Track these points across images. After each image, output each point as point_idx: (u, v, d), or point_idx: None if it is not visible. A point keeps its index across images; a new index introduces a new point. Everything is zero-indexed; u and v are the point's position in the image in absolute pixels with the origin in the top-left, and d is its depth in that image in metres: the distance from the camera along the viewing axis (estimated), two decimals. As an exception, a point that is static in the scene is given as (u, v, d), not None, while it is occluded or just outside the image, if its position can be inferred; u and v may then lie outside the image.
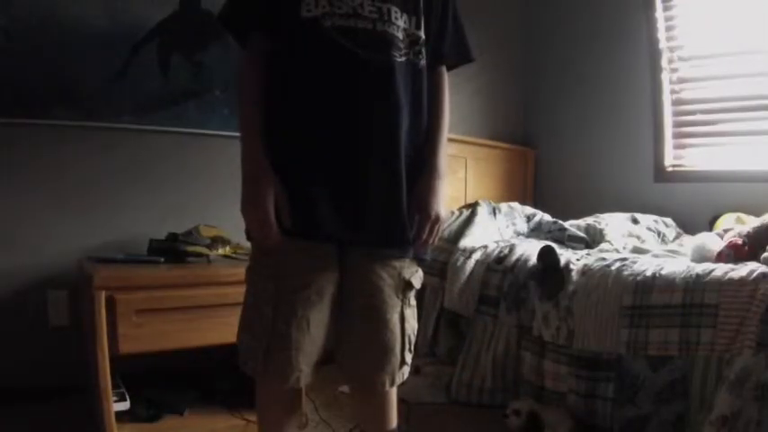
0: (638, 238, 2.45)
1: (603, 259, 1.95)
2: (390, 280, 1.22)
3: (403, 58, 1.16)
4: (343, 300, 1.22)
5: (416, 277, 1.28)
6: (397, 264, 1.23)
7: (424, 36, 1.19)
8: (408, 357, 1.27)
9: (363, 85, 1.13)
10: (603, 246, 2.29)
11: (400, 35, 1.15)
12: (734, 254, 1.77)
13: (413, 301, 1.29)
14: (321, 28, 1.11)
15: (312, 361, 1.19)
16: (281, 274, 1.17)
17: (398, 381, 1.27)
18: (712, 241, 1.93)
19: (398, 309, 1.23)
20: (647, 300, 1.69)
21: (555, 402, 1.87)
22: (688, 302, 1.60)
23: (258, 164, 1.14)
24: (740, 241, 1.81)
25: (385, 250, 1.21)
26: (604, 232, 2.42)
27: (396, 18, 1.15)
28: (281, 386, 1.21)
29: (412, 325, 1.28)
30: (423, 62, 1.20)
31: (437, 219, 1.22)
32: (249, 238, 1.22)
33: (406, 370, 1.28)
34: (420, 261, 1.29)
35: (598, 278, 1.84)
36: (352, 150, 1.15)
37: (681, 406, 1.59)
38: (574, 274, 1.91)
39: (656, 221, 2.63)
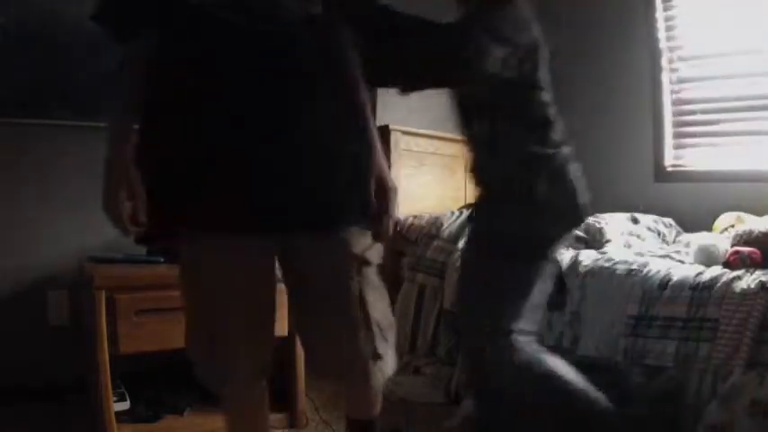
0: (639, 237, 2.45)
1: (610, 261, 1.91)
2: (338, 258, 1.12)
3: (299, 29, 1.08)
4: (292, 288, 1.18)
5: (373, 251, 1.16)
6: (341, 239, 1.12)
7: (323, 5, 1.12)
8: (383, 347, 1.15)
9: (252, 59, 1.05)
10: (608, 247, 2.26)
11: (293, 6, 1.08)
12: (749, 261, 1.72)
13: (375, 281, 1.16)
14: (205, 11, 1.03)
15: (255, 356, 1.15)
16: (208, 276, 1.11)
17: (373, 372, 1.15)
18: (719, 242, 1.90)
19: (354, 289, 1.12)
20: (651, 311, 1.67)
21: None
22: (691, 316, 1.59)
23: (119, 162, 1.08)
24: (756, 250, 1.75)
25: (317, 231, 1.11)
26: (604, 231, 2.42)
27: None
28: (221, 387, 1.18)
29: (380, 309, 1.16)
30: (325, 30, 1.12)
31: (390, 189, 1.16)
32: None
33: (386, 364, 1.16)
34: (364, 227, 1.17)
35: (605, 284, 1.82)
36: (247, 132, 1.05)
37: (674, 412, 1.58)
38: (580, 278, 1.89)
39: (656, 221, 2.62)
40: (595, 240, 2.41)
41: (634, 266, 1.83)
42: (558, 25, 3.38)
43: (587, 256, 2.00)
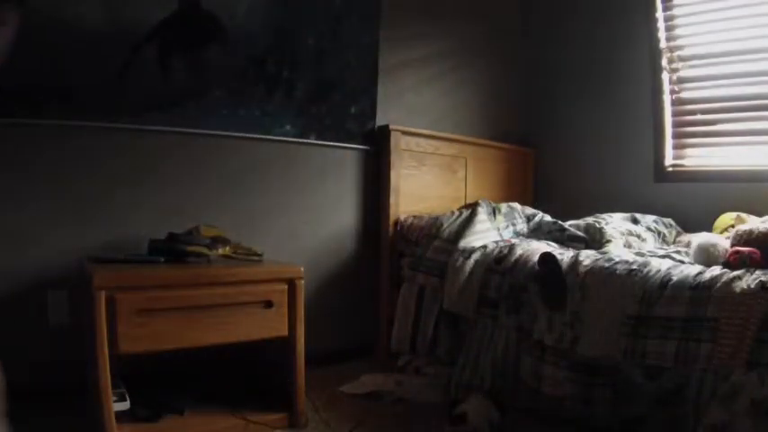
0: (639, 237, 2.45)
1: (611, 261, 1.91)
2: None
3: None
4: None
5: None
6: None
7: None
8: None
9: None
10: (608, 247, 2.26)
11: None
12: (749, 261, 1.73)
13: None
14: None
15: None
16: None
17: None
18: (719, 242, 1.89)
19: None
20: (651, 311, 1.67)
21: (552, 407, 1.87)
22: (691, 316, 1.58)
23: None
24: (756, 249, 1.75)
25: None
26: (604, 231, 2.42)
27: None
28: None
29: None
30: None
31: None
32: None
33: None
34: None
35: (606, 284, 1.82)
36: None
37: (675, 411, 1.59)
38: (580, 278, 1.89)
39: (656, 221, 2.63)
40: (595, 240, 2.42)
41: (634, 266, 1.82)
42: (558, 25, 3.39)
43: (587, 256, 1.99)
